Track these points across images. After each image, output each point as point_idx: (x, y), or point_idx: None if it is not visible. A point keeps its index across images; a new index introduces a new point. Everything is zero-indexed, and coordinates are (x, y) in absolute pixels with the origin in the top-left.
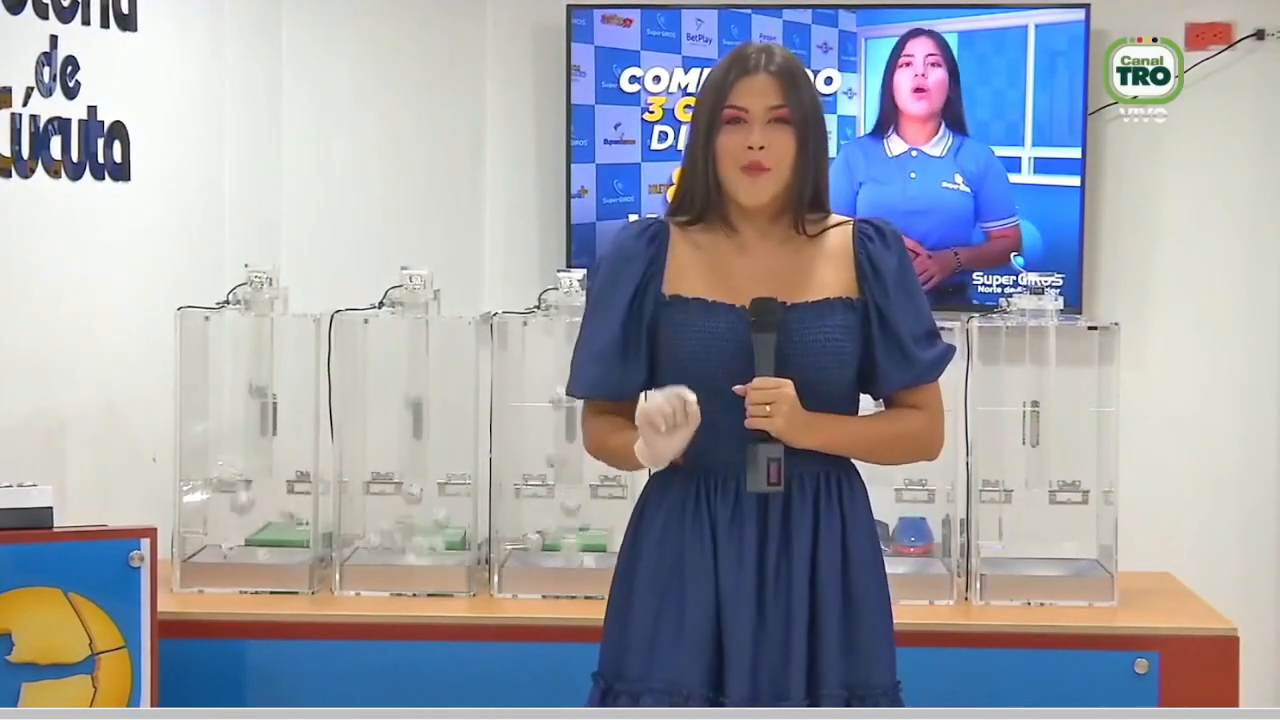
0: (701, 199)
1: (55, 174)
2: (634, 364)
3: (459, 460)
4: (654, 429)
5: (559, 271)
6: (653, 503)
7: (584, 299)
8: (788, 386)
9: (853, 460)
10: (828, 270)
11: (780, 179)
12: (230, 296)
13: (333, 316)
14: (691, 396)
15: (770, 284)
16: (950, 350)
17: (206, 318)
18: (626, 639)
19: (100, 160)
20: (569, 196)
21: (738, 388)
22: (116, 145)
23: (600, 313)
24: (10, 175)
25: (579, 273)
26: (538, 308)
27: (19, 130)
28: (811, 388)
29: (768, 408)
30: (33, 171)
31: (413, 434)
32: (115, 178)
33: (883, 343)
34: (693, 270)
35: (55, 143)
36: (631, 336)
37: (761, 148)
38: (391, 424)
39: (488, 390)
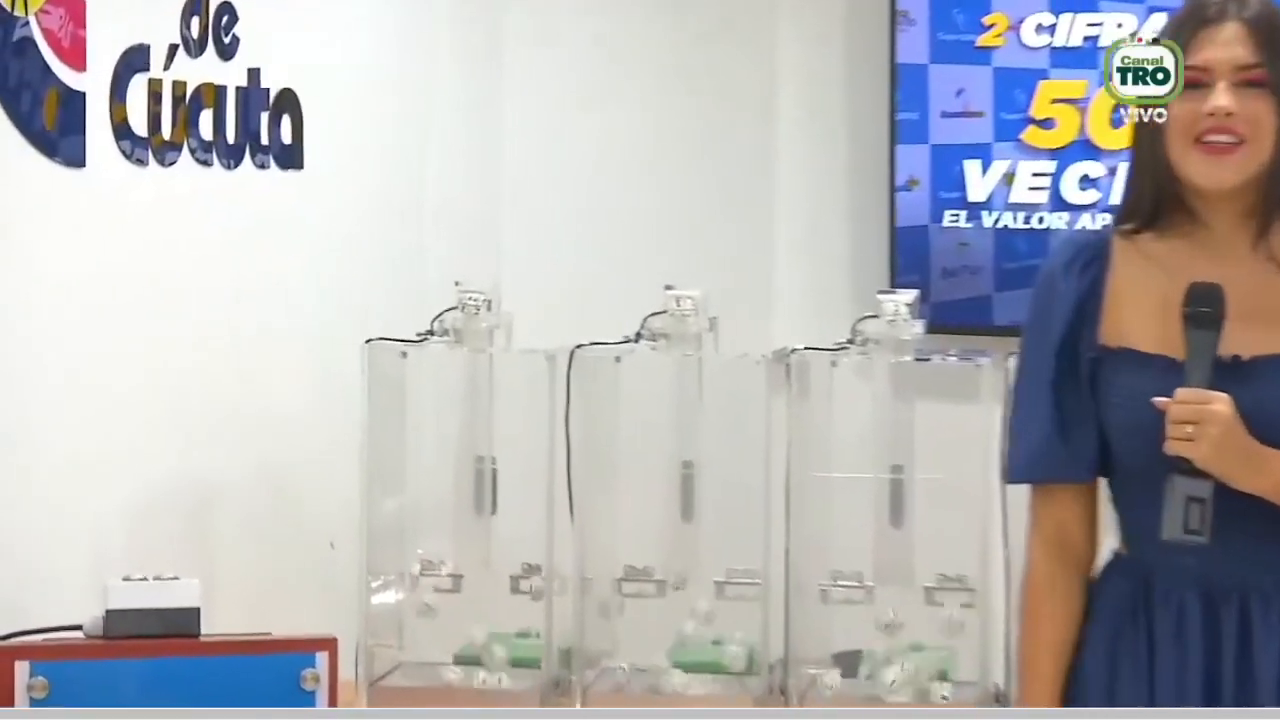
0: (1152, 193)
1: (204, 160)
2: (1079, 433)
3: (744, 551)
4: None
5: (880, 293)
6: (1089, 615)
7: (914, 330)
8: (1220, 403)
9: None
10: None
11: (1256, 157)
12: (435, 326)
13: (573, 353)
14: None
15: (1240, 319)
16: None
17: (404, 354)
18: None
19: (264, 141)
20: (893, 190)
21: (1159, 400)
22: (285, 121)
23: (1030, 371)
24: (146, 163)
25: (908, 294)
26: (850, 342)
27: (159, 102)
28: None
29: (1190, 429)
30: (176, 157)
31: (681, 515)
32: (283, 164)
33: None
34: (1134, 302)
35: (205, 118)
36: (1069, 399)
37: (1229, 114)
38: (653, 500)
39: (782, 454)
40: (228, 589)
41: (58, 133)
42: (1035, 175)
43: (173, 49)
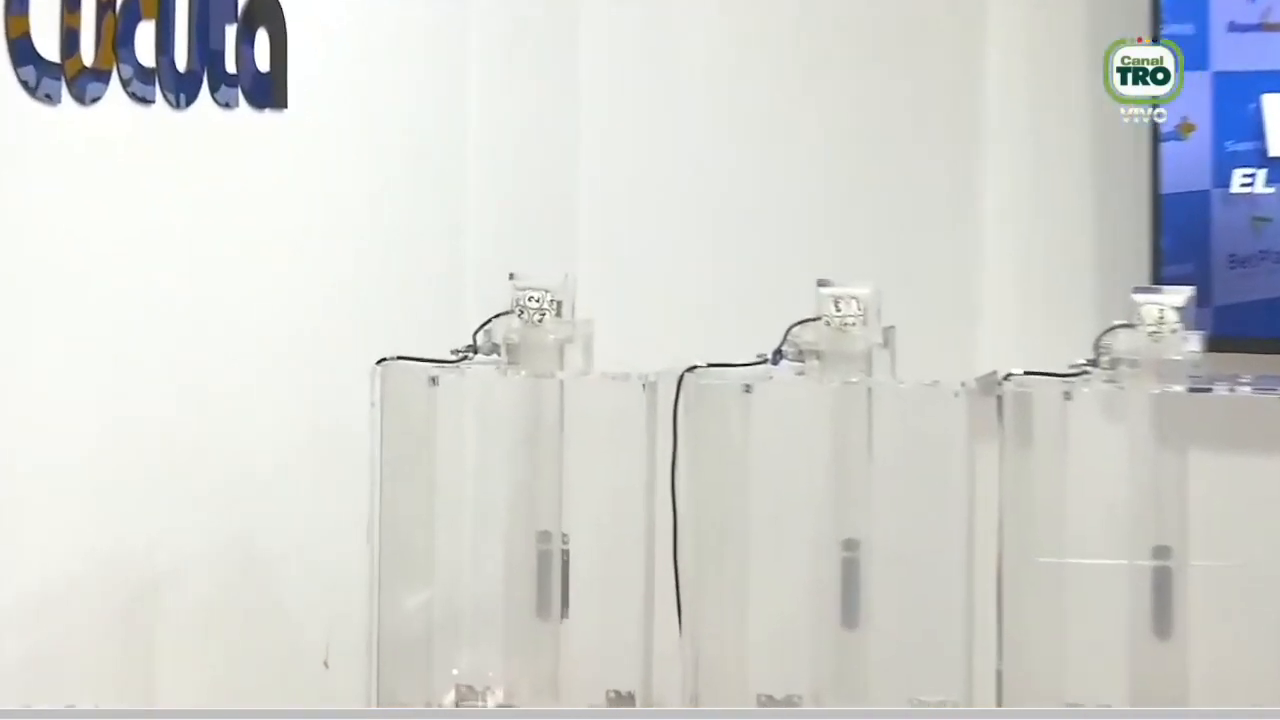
0: None
1: (142, 96)
2: None
3: (934, 671)
4: None
5: (1136, 293)
6: None
7: (1188, 346)
8: None
9: None
10: None
11: None
12: (480, 339)
13: (682, 379)
14: None
15: None
16: None
17: (433, 380)
18: None
19: (230, 68)
20: (1155, 140)
21: None
22: (260, 40)
23: None
24: (57, 99)
25: (1178, 294)
26: (1092, 365)
27: (76, 9)
28: None
29: None
30: (101, 91)
31: (841, 618)
32: (258, 102)
33: None
34: None
35: (143, 34)
36: None
37: None
38: (799, 596)
39: (992, 527)
40: None
41: None
42: None
43: None
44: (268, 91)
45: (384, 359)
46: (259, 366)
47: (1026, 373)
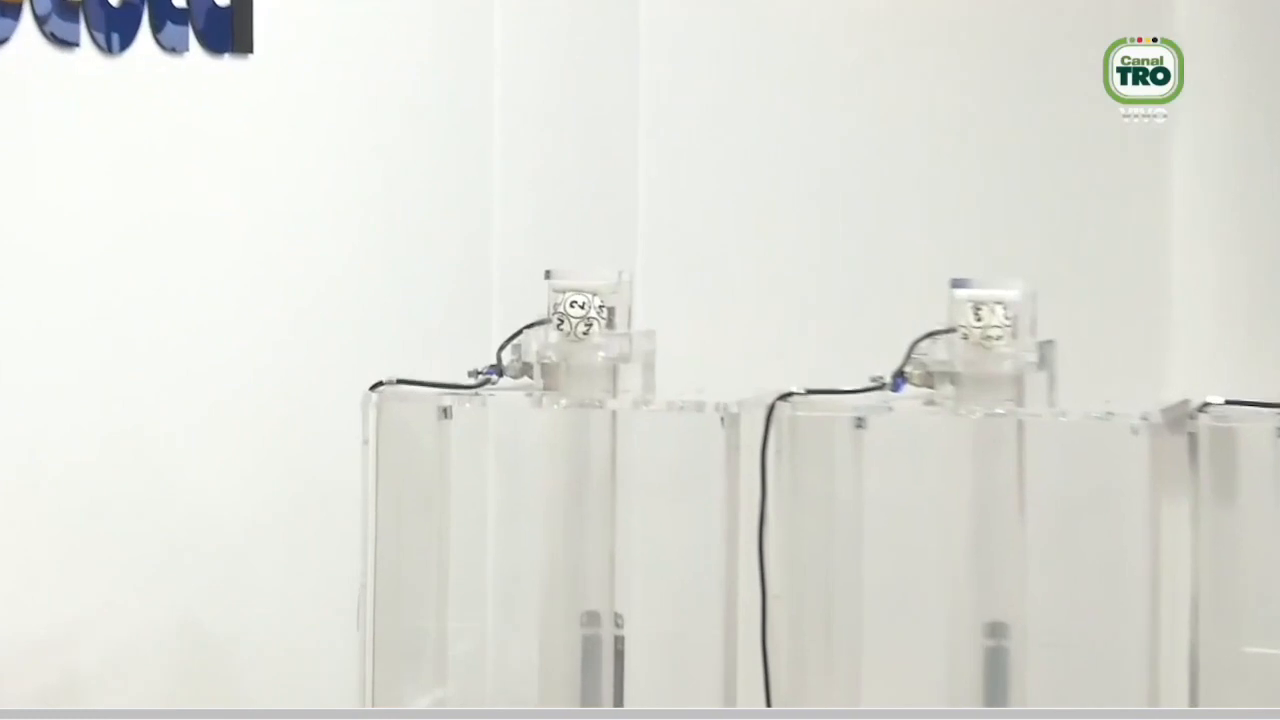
0: None
1: (63, 38)
2: None
3: None
4: None
5: None
6: None
7: None
8: None
9: None
10: None
11: None
12: (506, 358)
13: (772, 409)
14: None
15: None
16: None
17: (445, 411)
18: None
19: (178, 2)
20: None
21: None
22: None
23: None
24: None
25: None
26: None
27: None
28: None
29: None
30: (10, 30)
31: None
32: (214, 46)
33: None
34: None
35: None
36: None
37: None
38: (928, 688)
39: (1184, 602)
40: None
41: None
42: None
43: None
44: (227, 32)
45: (380, 383)
46: (216, 396)
47: (1227, 402)
